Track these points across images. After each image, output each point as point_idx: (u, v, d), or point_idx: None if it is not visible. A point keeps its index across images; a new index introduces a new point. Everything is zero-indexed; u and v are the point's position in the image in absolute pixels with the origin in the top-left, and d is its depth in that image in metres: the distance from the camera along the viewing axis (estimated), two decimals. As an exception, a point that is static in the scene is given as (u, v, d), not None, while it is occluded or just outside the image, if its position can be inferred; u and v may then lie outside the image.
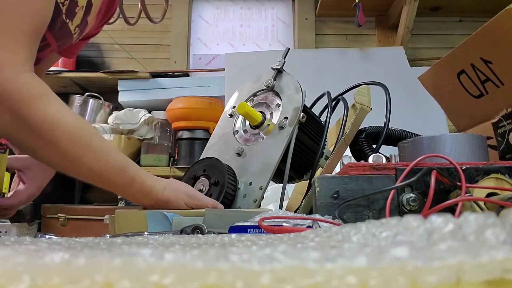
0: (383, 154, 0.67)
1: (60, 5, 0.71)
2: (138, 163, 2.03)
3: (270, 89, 0.83)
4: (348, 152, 0.84)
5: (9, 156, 0.89)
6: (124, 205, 2.03)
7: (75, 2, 0.74)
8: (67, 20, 0.76)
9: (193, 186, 0.77)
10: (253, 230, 0.45)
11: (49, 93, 0.62)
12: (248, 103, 0.84)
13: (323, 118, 0.89)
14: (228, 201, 0.73)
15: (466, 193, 0.47)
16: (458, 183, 0.48)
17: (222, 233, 0.45)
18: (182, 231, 0.51)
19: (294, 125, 0.76)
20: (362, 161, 0.75)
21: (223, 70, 2.17)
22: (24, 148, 0.65)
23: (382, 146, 0.83)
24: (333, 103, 0.88)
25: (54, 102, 0.62)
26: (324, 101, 0.92)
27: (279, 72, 0.84)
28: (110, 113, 2.10)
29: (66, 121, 0.61)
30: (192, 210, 0.69)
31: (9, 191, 0.92)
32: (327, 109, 0.87)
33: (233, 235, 0.40)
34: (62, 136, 0.60)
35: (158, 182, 0.69)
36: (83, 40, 0.94)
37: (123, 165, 0.66)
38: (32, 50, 0.63)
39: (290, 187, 0.96)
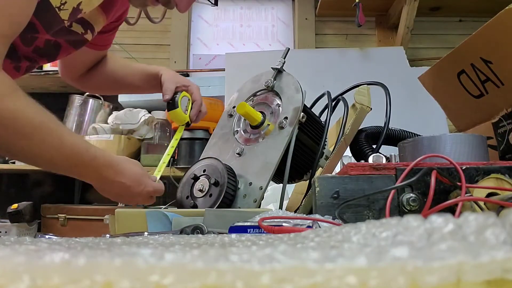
0: (383, 154, 0.67)
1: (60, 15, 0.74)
2: (138, 163, 2.03)
3: (270, 89, 0.83)
4: (348, 152, 0.84)
5: None
6: (124, 205, 2.03)
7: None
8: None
9: (193, 186, 0.77)
10: (253, 230, 0.45)
11: (17, 89, 0.68)
12: (248, 103, 0.84)
13: (323, 118, 0.88)
14: (228, 201, 0.73)
15: (466, 193, 0.47)
16: (458, 183, 0.48)
17: (222, 233, 0.45)
18: (182, 231, 0.51)
19: (294, 125, 0.76)
20: (362, 161, 0.75)
21: (223, 70, 2.17)
22: None
23: (382, 146, 0.83)
24: (333, 103, 0.88)
25: (19, 97, 0.68)
26: (324, 101, 0.91)
27: (279, 72, 0.84)
28: (110, 113, 2.10)
29: (31, 112, 0.68)
30: (192, 210, 0.69)
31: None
32: (327, 109, 0.87)
33: (233, 235, 0.40)
34: (26, 128, 0.67)
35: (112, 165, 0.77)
36: (107, 32, 1.00)
37: (84, 146, 0.74)
38: (3, 51, 0.68)
39: (290, 187, 0.96)
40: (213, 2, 0.97)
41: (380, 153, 0.69)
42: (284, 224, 0.45)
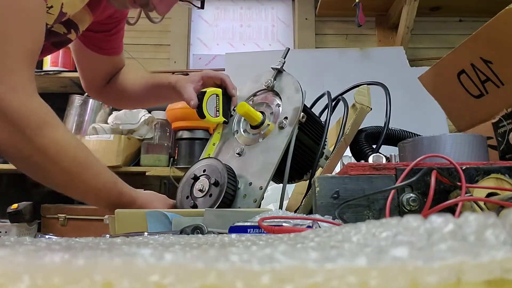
0: (383, 154, 0.67)
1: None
2: (138, 163, 2.03)
3: (270, 89, 0.83)
4: (348, 152, 0.84)
5: None
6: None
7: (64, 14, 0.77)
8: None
9: (192, 186, 0.77)
10: (253, 230, 0.45)
11: (54, 117, 0.70)
12: (248, 103, 0.84)
13: (323, 118, 0.88)
14: (228, 201, 0.73)
15: (466, 193, 0.47)
16: (458, 183, 0.48)
17: (222, 233, 0.45)
18: (182, 231, 0.51)
19: (294, 125, 0.76)
20: (362, 161, 0.75)
21: (223, 70, 2.17)
22: (25, 167, 0.74)
23: (382, 146, 0.83)
24: (333, 103, 0.88)
25: (59, 127, 0.71)
26: (324, 101, 0.91)
27: (279, 72, 0.84)
28: (110, 113, 2.10)
29: (69, 144, 0.70)
30: (192, 210, 0.69)
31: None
32: (327, 109, 0.86)
33: (233, 235, 0.40)
34: (65, 158, 0.69)
35: (136, 194, 0.80)
36: (103, 32, 0.98)
37: (113, 180, 0.76)
38: (33, 71, 0.70)
39: (290, 187, 0.96)
40: (199, 6, 0.93)
41: (380, 153, 0.69)
42: (284, 224, 0.45)
